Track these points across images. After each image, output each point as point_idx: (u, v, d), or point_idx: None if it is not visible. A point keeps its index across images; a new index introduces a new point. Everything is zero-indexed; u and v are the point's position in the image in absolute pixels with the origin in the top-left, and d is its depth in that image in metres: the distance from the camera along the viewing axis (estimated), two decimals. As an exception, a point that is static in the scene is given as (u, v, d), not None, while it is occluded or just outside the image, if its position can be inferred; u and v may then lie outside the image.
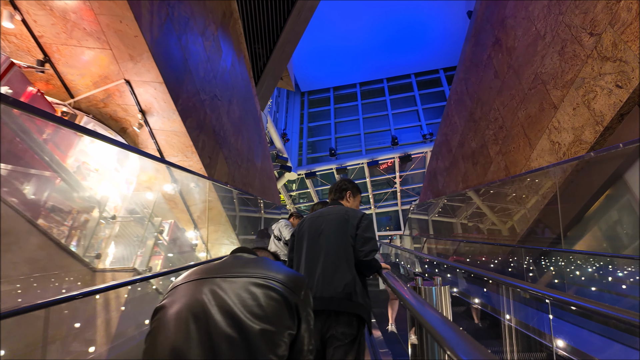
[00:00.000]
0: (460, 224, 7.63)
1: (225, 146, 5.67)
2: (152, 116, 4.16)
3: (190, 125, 4.40)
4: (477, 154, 6.38)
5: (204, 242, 6.23)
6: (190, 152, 4.55)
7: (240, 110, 6.74)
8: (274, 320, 0.84)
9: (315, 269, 1.96)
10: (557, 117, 4.11)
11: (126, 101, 4.03)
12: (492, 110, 5.76)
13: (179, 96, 4.09)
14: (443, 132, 8.47)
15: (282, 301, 0.87)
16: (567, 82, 3.93)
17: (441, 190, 8.57)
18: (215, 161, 5.18)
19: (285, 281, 0.92)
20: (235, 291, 0.87)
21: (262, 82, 9.39)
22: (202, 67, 4.84)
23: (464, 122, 7.04)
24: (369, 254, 1.96)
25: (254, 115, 8.05)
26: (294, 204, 25.38)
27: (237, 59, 6.75)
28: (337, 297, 1.85)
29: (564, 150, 4.02)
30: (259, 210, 8.53)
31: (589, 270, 3.74)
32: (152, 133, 4.36)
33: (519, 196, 5.01)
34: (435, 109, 24.37)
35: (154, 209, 4.51)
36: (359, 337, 1.88)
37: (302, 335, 0.89)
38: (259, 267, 0.97)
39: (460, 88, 7.35)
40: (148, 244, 3.76)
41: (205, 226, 5.85)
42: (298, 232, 2.19)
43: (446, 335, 0.79)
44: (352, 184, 2.44)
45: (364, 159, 21.25)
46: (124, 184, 4.30)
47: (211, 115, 5.09)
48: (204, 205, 5.38)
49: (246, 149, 7.03)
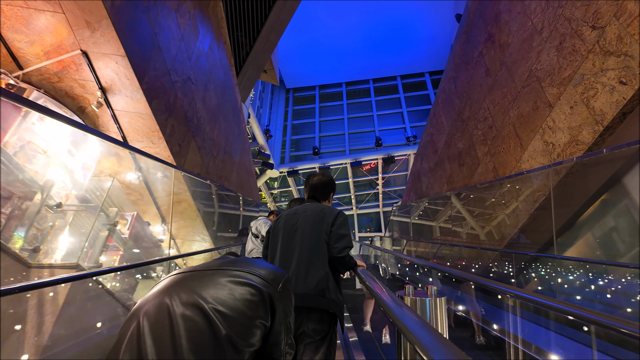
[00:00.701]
0: (442, 226, 7.43)
1: (199, 135, 5.24)
2: (113, 94, 3.71)
3: (158, 107, 3.96)
4: (464, 155, 6.17)
5: (172, 238, 5.78)
6: (157, 138, 4.12)
7: (218, 98, 6.31)
8: (244, 311, 0.80)
9: (289, 265, 1.95)
10: (552, 116, 3.90)
11: (84, 76, 3.56)
12: (482, 110, 5.55)
13: (144, 73, 3.66)
14: (429, 132, 8.27)
15: (256, 292, 0.83)
16: (564, 79, 3.72)
17: (425, 192, 8.36)
18: (186, 150, 4.75)
19: (262, 274, 0.89)
20: (207, 284, 0.83)
21: (245, 72, 8.95)
22: (175, 45, 4.41)
23: (451, 122, 6.83)
24: (343, 250, 1.97)
25: (233, 106, 7.62)
26: (275, 202, 24.92)
27: (217, 43, 6.32)
28: (310, 294, 1.85)
29: (559, 152, 3.81)
30: (238, 207, 8.11)
31: (581, 279, 3.54)
32: (114, 114, 3.91)
33: (507, 199, 4.79)
34: (419, 112, 24.42)
35: (116, 199, 4.05)
36: (330, 333, 1.88)
37: (276, 328, 0.85)
38: (238, 262, 0.93)
39: (448, 87, 7.14)
40: (101, 236, 3.31)
41: (173, 220, 5.41)
42: (273, 229, 2.18)
43: (422, 337, 0.76)
44: (334, 183, 2.42)
45: (347, 159, 21.03)
46: (79, 170, 3.84)
47: (183, 99, 4.65)
48: (174, 197, 4.95)
49: (223, 140, 6.60)
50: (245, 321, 0.79)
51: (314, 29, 24.64)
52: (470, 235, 6.18)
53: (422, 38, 25.20)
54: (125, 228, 3.90)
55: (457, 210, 6.52)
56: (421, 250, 8.74)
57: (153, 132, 4.05)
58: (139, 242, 4.32)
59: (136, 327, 0.76)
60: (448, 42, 25.11)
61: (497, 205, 5.15)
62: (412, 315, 0.98)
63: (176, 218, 5.38)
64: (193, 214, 5.19)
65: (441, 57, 25.61)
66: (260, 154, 19.77)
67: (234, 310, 0.78)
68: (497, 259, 5.16)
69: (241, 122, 8.50)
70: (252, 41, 8.63)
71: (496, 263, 5.22)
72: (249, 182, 9.22)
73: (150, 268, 3.83)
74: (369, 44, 25.78)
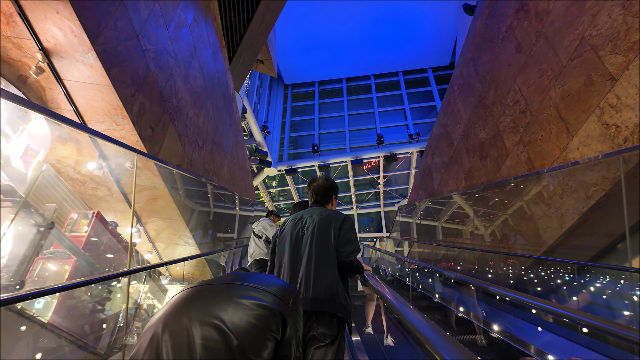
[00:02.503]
0: (458, 228, 6.63)
1: (179, 119, 4.42)
2: (60, 58, 2.89)
3: (120, 78, 3.15)
4: (488, 146, 5.37)
5: (150, 242, 4.97)
6: (121, 118, 3.30)
7: (205, 79, 5.50)
8: (257, 325, 0.83)
9: (298, 271, 1.97)
10: (615, 91, 3.10)
11: (19, 32, 2.75)
12: (511, 92, 4.75)
13: (99, 31, 2.84)
14: (442, 123, 7.47)
15: (268, 308, 0.86)
16: (634, 42, 2.93)
17: (437, 189, 7.56)
18: (161, 135, 3.93)
19: (274, 291, 0.92)
20: (222, 298, 0.86)
21: (239, 57, 8.11)
22: (147, 5, 3.60)
23: (470, 110, 6.03)
24: (351, 255, 2.00)
25: (225, 92, 6.80)
26: (273, 202, 24.09)
27: (204, 17, 5.50)
28: (320, 298, 1.85)
29: (626, 135, 3.01)
30: (231, 206, 7.29)
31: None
32: (63, 87, 3.09)
33: (548, 196, 4.00)
34: (422, 108, 23.66)
35: (67, 194, 3.23)
36: (339, 337, 1.86)
37: (286, 342, 0.88)
38: (250, 277, 0.98)
39: (466, 70, 6.35)
40: (34, 241, 2.50)
41: (149, 220, 4.60)
42: (279, 234, 2.20)
43: (428, 334, 0.86)
44: (336, 185, 2.42)
45: (348, 157, 20.22)
46: (17, 157, 3.02)
47: (158, 73, 3.84)
48: (147, 192, 4.14)
49: (211, 128, 5.77)
50: (258, 335, 0.82)
51: (313, 24, 23.81)
52: (494, 237, 5.39)
53: (425, 33, 24.40)
54: (73, 229, 3.09)
55: (479, 210, 5.73)
56: (430, 253, 7.97)
57: (115, 109, 3.24)
58: (101, 247, 3.51)
59: (155, 341, 0.78)
60: (452, 37, 24.34)
61: (532, 204, 4.36)
62: (419, 316, 1.05)
63: (152, 218, 4.56)
64: (172, 213, 4.37)
65: (445, 53, 24.83)
66: (257, 151, 18.95)
67: (247, 324, 0.80)
68: (532, 267, 4.37)
69: (234, 111, 7.68)
70: (246, 22, 7.80)
71: (534, 273, 4.43)
72: (242, 178, 8.39)
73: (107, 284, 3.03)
74: (370, 38, 24.96)
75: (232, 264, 6.17)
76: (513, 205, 4.82)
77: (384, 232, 23.91)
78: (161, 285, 4.72)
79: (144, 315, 3.94)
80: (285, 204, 24.37)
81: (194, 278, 5.65)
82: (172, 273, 5.21)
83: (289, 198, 24.22)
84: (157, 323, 0.81)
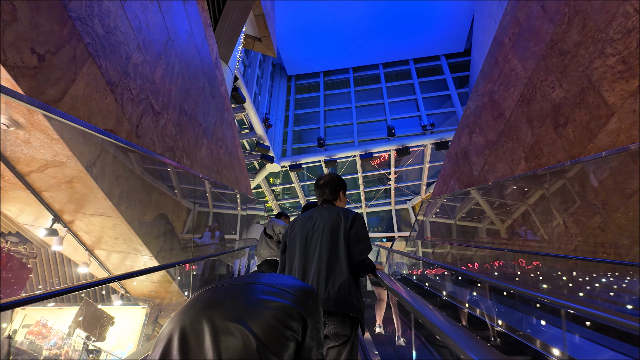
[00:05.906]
0: (516, 228, 5.01)
1: (113, 60, 2.86)
2: None
3: None
4: (569, 107, 3.75)
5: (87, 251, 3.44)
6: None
7: (168, 25, 3.94)
8: (277, 326, 0.78)
9: (309, 270, 1.93)
10: None
11: None
12: (619, 18, 3.13)
13: None
14: (483, 91, 5.83)
15: (288, 308, 0.82)
16: None
17: (478, 177, 5.93)
18: (68, 73, 2.36)
19: (293, 291, 0.89)
20: (242, 298, 0.83)
21: (226, 15, 6.53)
22: None
23: (534, 64, 4.40)
24: (362, 253, 1.95)
25: (202, 51, 5.22)
26: (277, 200, 22.56)
27: None
28: (332, 298, 1.81)
29: None
30: (222, 203, 5.75)
31: None
32: None
33: None
34: (436, 98, 21.96)
35: None
36: (352, 337, 1.82)
37: (307, 343, 0.83)
38: (269, 277, 0.95)
39: (525, 12, 4.71)
40: None
41: (75, 217, 3.06)
42: (290, 234, 2.16)
43: (448, 331, 0.84)
44: (343, 181, 2.31)
45: (356, 151, 18.63)
46: None
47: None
48: (52, 171, 2.59)
49: (179, 92, 4.20)
50: (278, 335, 0.78)
51: (317, 10, 22.14)
52: (577, 239, 3.76)
53: (437, 17, 22.63)
54: None
55: (548, 202, 4.11)
56: (466, 254, 6.40)
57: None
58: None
59: (174, 342, 0.75)
60: (467, 21, 22.55)
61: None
62: (437, 314, 1.05)
63: (78, 214, 3.01)
64: (100, 205, 2.81)
65: (459, 38, 23.06)
66: (258, 145, 17.43)
67: (267, 324, 0.78)
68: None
69: (219, 83, 6.10)
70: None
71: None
72: (232, 167, 6.80)
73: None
74: (377, 25, 23.22)
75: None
76: (624, 191, 3.18)
77: (395, 232, 22.26)
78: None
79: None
80: (289, 202, 22.83)
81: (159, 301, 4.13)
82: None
83: (293, 196, 22.67)
84: (176, 324, 0.78)
